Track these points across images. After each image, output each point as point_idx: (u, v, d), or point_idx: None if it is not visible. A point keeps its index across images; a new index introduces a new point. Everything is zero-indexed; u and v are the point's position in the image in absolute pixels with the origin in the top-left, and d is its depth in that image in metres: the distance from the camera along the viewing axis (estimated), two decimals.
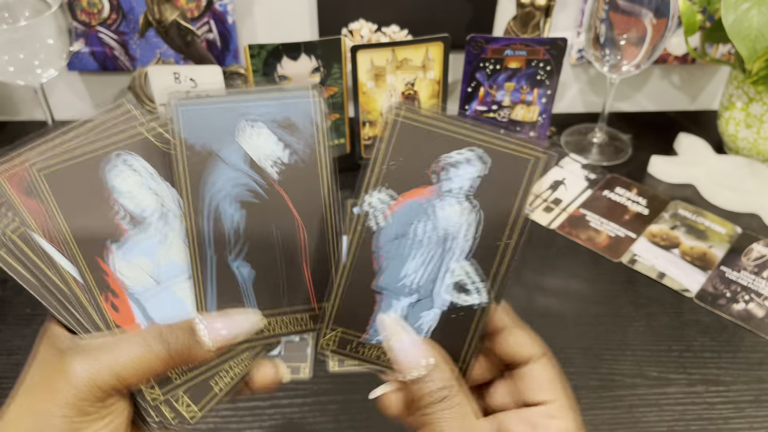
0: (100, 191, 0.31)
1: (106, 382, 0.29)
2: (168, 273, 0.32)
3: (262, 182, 0.32)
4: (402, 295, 0.32)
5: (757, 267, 0.72)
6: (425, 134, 0.30)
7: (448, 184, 0.31)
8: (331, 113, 0.76)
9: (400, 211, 0.32)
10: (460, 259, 0.32)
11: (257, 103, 0.32)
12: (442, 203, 0.31)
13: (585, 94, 0.98)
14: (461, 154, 0.30)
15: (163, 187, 0.32)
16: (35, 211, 0.30)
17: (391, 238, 0.32)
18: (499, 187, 0.31)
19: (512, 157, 0.31)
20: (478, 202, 0.31)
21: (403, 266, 0.32)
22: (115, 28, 0.84)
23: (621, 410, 0.58)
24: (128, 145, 0.32)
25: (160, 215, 0.32)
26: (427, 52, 0.73)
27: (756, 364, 0.62)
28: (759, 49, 0.69)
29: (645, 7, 0.72)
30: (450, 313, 0.32)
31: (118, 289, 0.32)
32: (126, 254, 0.32)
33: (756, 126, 0.82)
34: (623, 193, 0.82)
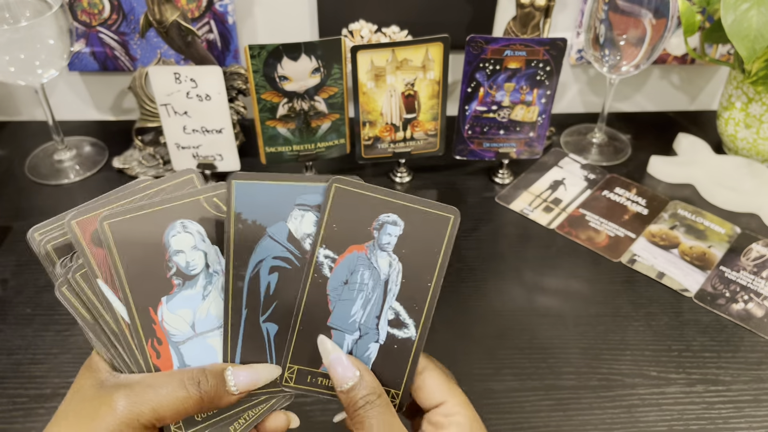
0: (158, 248, 0.35)
1: (145, 416, 0.32)
2: (205, 324, 0.36)
3: (297, 254, 0.37)
4: (350, 331, 0.38)
5: (757, 267, 0.72)
6: (364, 199, 0.37)
7: (385, 239, 0.37)
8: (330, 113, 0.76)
9: (347, 260, 0.37)
10: (394, 300, 0.38)
11: (310, 195, 0.36)
12: (378, 254, 0.37)
13: (584, 95, 0.98)
14: (389, 216, 0.37)
15: (210, 249, 0.36)
16: (100, 258, 0.34)
17: (339, 283, 0.37)
18: (416, 242, 0.37)
19: (428, 217, 0.37)
20: (397, 255, 0.37)
21: (351, 307, 0.37)
22: (116, 29, 0.84)
23: (620, 410, 0.58)
24: (186, 210, 0.35)
25: (205, 273, 0.36)
26: (427, 53, 0.73)
27: (755, 364, 0.62)
28: (758, 49, 0.69)
29: (644, 7, 0.72)
30: (390, 345, 0.38)
31: (162, 336, 0.35)
32: (172, 307, 0.35)
33: (755, 126, 0.82)
34: (623, 193, 0.82)
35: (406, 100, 0.76)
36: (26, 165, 0.85)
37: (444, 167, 0.85)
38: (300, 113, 0.75)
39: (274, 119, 0.75)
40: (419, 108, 0.77)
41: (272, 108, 0.74)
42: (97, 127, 0.92)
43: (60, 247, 0.35)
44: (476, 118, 0.78)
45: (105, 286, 0.34)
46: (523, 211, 0.79)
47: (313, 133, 0.77)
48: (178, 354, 0.36)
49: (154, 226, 0.34)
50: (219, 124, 0.74)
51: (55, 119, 0.81)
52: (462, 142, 0.80)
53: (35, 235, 0.35)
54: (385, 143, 0.79)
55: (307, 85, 0.73)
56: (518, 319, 0.66)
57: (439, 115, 0.78)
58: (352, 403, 0.35)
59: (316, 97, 0.74)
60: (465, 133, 0.79)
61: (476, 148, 0.80)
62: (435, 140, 0.81)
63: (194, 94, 0.72)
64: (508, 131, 0.79)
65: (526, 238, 0.76)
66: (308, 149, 0.78)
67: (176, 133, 0.75)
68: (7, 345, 0.62)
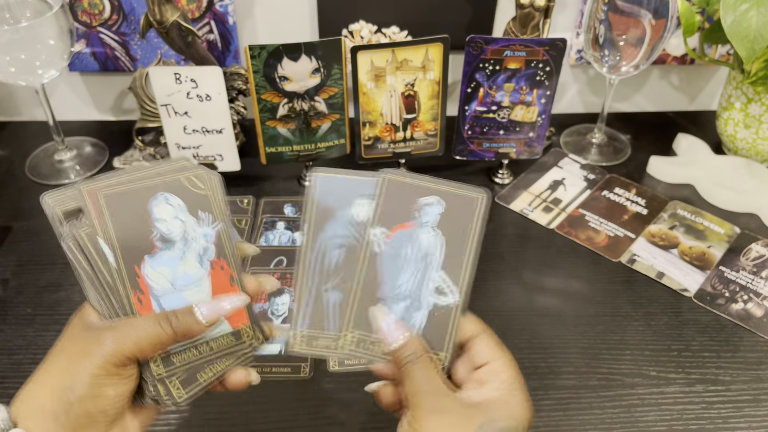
0: (144, 215, 0.41)
1: (128, 349, 0.38)
2: (183, 281, 0.42)
3: (357, 234, 0.43)
4: (398, 300, 0.42)
5: (756, 267, 0.72)
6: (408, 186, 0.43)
7: (425, 217, 0.43)
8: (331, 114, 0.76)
9: (396, 237, 0.43)
10: (437, 270, 0.43)
11: (369, 186, 0.44)
12: (421, 231, 0.43)
13: (584, 95, 0.99)
14: (429, 198, 0.43)
15: (190, 219, 0.43)
16: (101, 220, 0.40)
17: (390, 258, 0.43)
18: (453, 219, 0.43)
19: (461, 199, 0.43)
20: (439, 230, 0.43)
21: (399, 278, 0.42)
22: (116, 29, 0.84)
23: (620, 410, 0.58)
24: (169, 186, 0.42)
25: (183, 240, 0.42)
26: (427, 53, 0.73)
27: (754, 364, 0.62)
28: (758, 49, 0.69)
29: (644, 8, 0.73)
30: (435, 311, 0.42)
31: (144, 289, 0.41)
32: (154, 264, 0.41)
33: (755, 126, 0.82)
34: (622, 193, 0.82)
35: (406, 101, 0.77)
36: (27, 165, 0.85)
37: (444, 167, 0.85)
38: (300, 113, 0.75)
39: (275, 119, 0.75)
40: (419, 108, 0.77)
41: (272, 108, 0.74)
42: (98, 128, 0.92)
43: (68, 211, 0.40)
44: (476, 118, 0.78)
45: (104, 243, 0.40)
46: (523, 211, 0.79)
47: (313, 134, 0.77)
48: (158, 304, 0.41)
49: (142, 198, 0.41)
50: (219, 124, 0.75)
51: (55, 119, 0.82)
52: (462, 142, 0.80)
53: (47, 199, 0.41)
54: (385, 143, 0.80)
55: (307, 85, 0.73)
56: (518, 319, 0.66)
57: (439, 115, 0.79)
58: (399, 360, 0.41)
59: (316, 97, 0.75)
60: (465, 133, 0.79)
61: (476, 148, 0.81)
62: (435, 140, 0.81)
63: (195, 95, 0.72)
64: (508, 131, 0.79)
65: (526, 238, 0.76)
66: (308, 149, 0.79)
67: (177, 134, 0.75)
68: (8, 345, 0.62)
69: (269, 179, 0.83)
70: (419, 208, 0.43)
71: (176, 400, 0.41)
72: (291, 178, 0.83)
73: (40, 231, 0.74)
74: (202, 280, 0.43)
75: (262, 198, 0.80)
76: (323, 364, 0.60)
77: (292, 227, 0.75)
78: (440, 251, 0.43)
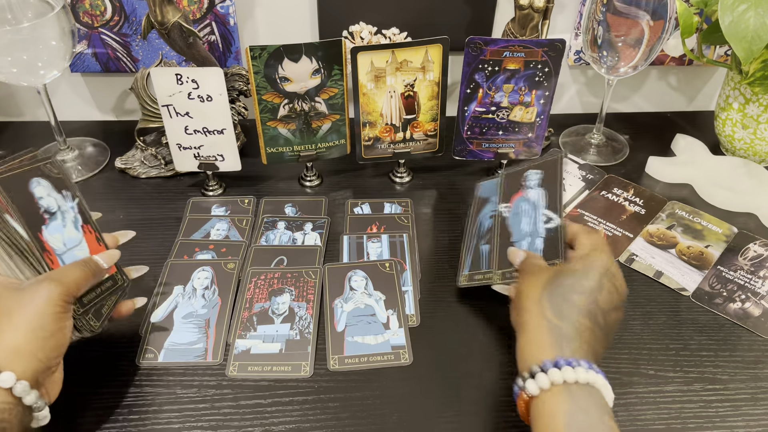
0: (29, 196, 0.54)
1: (73, 287, 0.51)
2: (71, 243, 0.56)
3: (497, 210, 0.67)
4: (523, 239, 0.62)
5: (754, 266, 0.72)
6: (518, 172, 0.66)
7: (530, 184, 0.64)
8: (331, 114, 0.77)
9: (514, 204, 0.65)
10: (543, 209, 0.61)
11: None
12: (529, 192, 0.64)
13: (583, 96, 0.99)
14: (531, 172, 0.65)
15: (58, 196, 0.56)
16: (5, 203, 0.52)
17: (513, 215, 0.64)
18: (548, 177, 0.63)
19: (548, 163, 0.63)
20: (541, 187, 0.63)
21: (521, 225, 0.63)
22: (118, 30, 0.84)
23: (618, 408, 0.58)
24: (36, 172, 0.55)
25: (60, 212, 0.55)
26: (427, 54, 0.74)
27: (752, 363, 0.62)
28: (755, 50, 0.69)
29: (642, 9, 0.73)
30: (548, 234, 0.59)
31: (50, 250, 0.54)
32: (49, 231, 0.54)
33: (752, 127, 0.83)
34: (620, 193, 0.83)
35: (406, 101, 0.77)
36: None
37: (443, 167, 0.86)
38: (300, 114, 0.76)
39: (275, 120, 0.75)
40: (419, 109, 0.78)
41: (273, 109, 0.74)
42: (99, 128, 0.92)
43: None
44: (475, 118, 0.78)
45: (12, 221, 0.52)
46: None
47: (314, 134, 0.78)
48: (62, 261, 0.54)
49: (23, 182, 0.53)
50: (220, 124, 0.75)
51: (57, 120, 0.82)
52: (461, 142, 0.80)
53: None
54: (384, 144, 0.80)
55: (307, 86, 0.74)
56: None
57: (438, 115, 0.79)
58: (520, 269, 0.57)
59: (316, 98, 0.75)
60: (464, 133, 0.80)
61: (475, 148, 0.81)
62: (434, 141, 0.81)
63: (196, 95, 0.72)
64: (507, 132, 0.80)
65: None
66: (309, 150, 0.79)
67: (178, 134, 0.75)
68: None
69: (270, 179, 0.83)
70: (525, 179, 0.65)
71: (94, 328, 0.55)
72: (291, 178, 0.84)
73: None
74: (82, 241, 0.57)
75: (263, 198, 0.80)
76: (323, 364, 0.61)
77: (292, 227, 0.76)
78: (542, 198, 0.62)
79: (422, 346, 0.63)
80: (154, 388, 0.58)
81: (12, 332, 0.46)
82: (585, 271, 0.52)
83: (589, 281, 0.51)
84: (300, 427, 0.56)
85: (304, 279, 0.68)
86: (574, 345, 0.47)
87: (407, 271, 0.70)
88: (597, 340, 0.49)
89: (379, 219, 0.77)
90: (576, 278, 0.52)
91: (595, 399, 0.44)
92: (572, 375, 0.44)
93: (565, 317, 0.49)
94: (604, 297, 0.51)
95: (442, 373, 0.60)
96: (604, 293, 0.51)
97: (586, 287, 0.51)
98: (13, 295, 0.49)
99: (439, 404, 0.58)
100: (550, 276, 0.53)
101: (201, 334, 0.63)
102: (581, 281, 0.51)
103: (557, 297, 0.50)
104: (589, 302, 0.50)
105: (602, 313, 0.50)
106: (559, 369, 0.45)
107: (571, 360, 0.45)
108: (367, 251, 0.72)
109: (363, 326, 0.64)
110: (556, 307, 0.50)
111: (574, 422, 0.43)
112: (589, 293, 0.50)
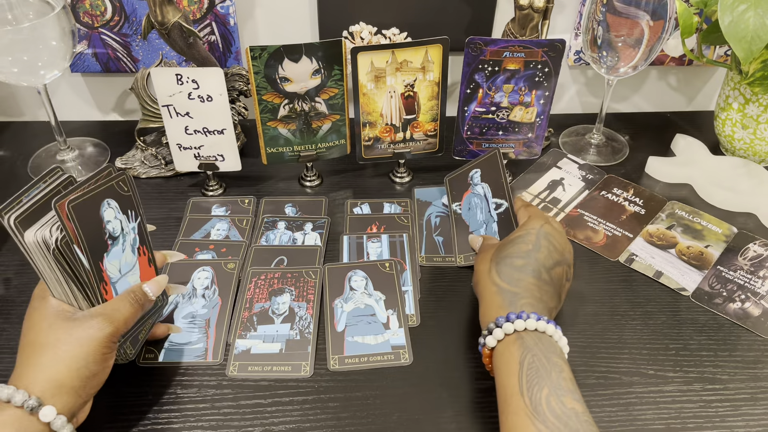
0: (98, 220, 0.51)
1: (121, 327, 0.51)
2: (126, 268, 0.54)
3: (447, 210, 0.77)
4: (480, 227, 0.71)
5: (753, 266, 0.72)
6: (464, 172, 0.76)
7: (475, 181, 0.74)
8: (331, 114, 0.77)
9: (465, 200, 0.75)
10: (491, 199, 0.71)
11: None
12: (475, 188, 0.73)
13: (583, 96, 0.99)
14: (475, 172, 0.75)
15: (123, 218, 0.53)
16: (71, 229, 0.49)
17: (466, 211, 0.74)
18: (489, 173, 0.72)
19: (488, 160, 0.73)
20: (485, 183, 0.73)
21: (476, 217, 0.72)
22: (118, 30, 0.84)
23: (618, 408, 0.58)
24: (109, 192, 0.51)
25: (122, 234, 0.53)
26: (427, 54, 0.74)
27: (752, 363, 0.62)
28: (755, 50, 0.69)
29: (642, 9, 0.73)
30: (500, 217, 0.69)
31: (107, 280, 0.52)
32: (109, 260, 0.52)
33: (752, 127, 0.83)
34: (620, 193, 0.83)
35: (406, 101, 0.77)
36: (29, 165, 0.85)
37: (443, 167, 0.86)
38: (301, 114, 0.76)
39: (275, 120, 0.75)
40: (419, 109, 0.78)
41: (273, 109, 0.74)
42: (100, 128, 0.93)
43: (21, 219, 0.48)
44: (475, 119, 0.78)
45: (78, 250, 0.49)
46: None
47: (314, 134, 0.78)
48: (114, 290, 0.53)
49: (96, 205, 0.50)
50: (220, 124, 0.75)
51: (57, 120, 0.82)
52: (461, 142, 0.80)
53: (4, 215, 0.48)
54: (384, 144, 0.80)
55: (307, 86, 0.74)
56: None
57: (438, 115, 0.79)
58: (482, 246, 0.65)
59: (316, 98, 0.75)
60: (464, 133, 0.80)
61: (475, 148, 0.81)
62: (434, 141, 0.81)
63: (196, 95, 0.72)
64: (507, 132, 0.80)
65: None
66: (309, 150, 0.79)
67: (178, 134, 0.75)
68: (11, 344, 0.62)
69: (270, 179, 0.84)
70: (470, 179, 0.74)
71: (129, 356, 0.56)
72: (291, 178, 0.84)
73: None
74: (135, 265, 0.55)
75: (263, 198, 0.80)
76: (323, 364, 0.61)
77: (292, 227, 0.76)
78: (488, 190, 0.71)
79: (422, 346, 0.63)
80: (154, 388, 0.58)
81: (57, 366, 0.47)
82: (522, 237, 0.59)
83: (526, 244, 0.58)
84: (300, 427, 0.56)
85: (304, 279, 0.68)
86: (523, 301, 0.54)
87: (407, 271, 0.70)
88: (547, 294, 0.56)
89: (379, 219, 0.77)
90: (515, 244, 0.58)
91: (545, 343, 0.50)
92: (522, 324, 0.51)
93: (512, 280, 0.56)
94: (543, 255, 0.57)
95: (442, 373, 0.60)
96: (542, 252, 0.57)
97: (524, 250, 0.57)
98: (64, 325, 0.49)
99: (439, 404, 0.58)
100: (496, 249, 0.60)
101: (201, 334, 0.63)
102: (520, 246, 0.58)
103: (503, 264, 0.57)
104: (530, 262, 0.56)
105: (545, 269, 0.56)
106: (510, 322, 0.51)
107: (521, 313, 0.52)
108: (367, 251, 0.72)
109: (363, 326, 0.64)
110: (503, 273, 0.56)
111: (526, 361, 0.49)
112: (527, 255, 0.57)
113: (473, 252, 0.70)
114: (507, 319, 0.52)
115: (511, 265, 0.57)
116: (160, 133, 0.85)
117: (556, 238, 0.59)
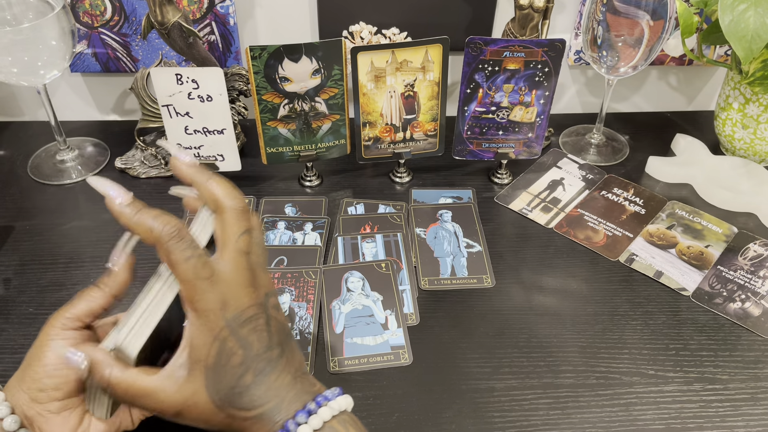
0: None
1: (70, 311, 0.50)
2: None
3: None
4: (447, 257, 0.72)
5: (754, 266, 0.72)
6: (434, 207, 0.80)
7: (444, 218, 0.76)
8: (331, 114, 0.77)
9: (431, 230, 0.75)
10: (463, 238, 0.73)
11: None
12: (444, 225, 0.75)
13: (583, 95, 0.99)
14: (443, 211, 0.78)
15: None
16: None
17: (432, 239, 0.74)
18: (460, 216, 0.76)
19: (459, 206, 0.79)
20: (455, 222, 0.76)
21: (443, 247, 0.73)
22: (118, 30, 0.84)
23: (618, 408, 0.58)
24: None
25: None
26: (427, 54, 0.74)
27: (752, 363, 0.62)
28: (755, 50, 0.69)
29: (642, 9, 0.73)
30: (471, 257, 0.72)
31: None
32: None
33: (752, 127, 0.83)
34: (620, 193, 0.83)
35: (406, 101, 0.77)
36: (29, 165, 0.85)
37: (443, 167, 0.86)
38: (300, 114, 0.76)
39: (275, 120, 0.75)
40: (419, 109, 0.78)
41: (273, 109, 0.74)
42: (99, 128, 0.93)
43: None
44: (475, 118, 0.78)
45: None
46: (522, 210, 0.80)
47: (314, 134, 0.78)
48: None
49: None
50: (220, 124, 0.75)
51: (57, 120, 0.82)
52: (461, 142, 0.80)
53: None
54: (384, 144, 0.80)
55: (307, 86, 0.74)
56: (517, 318, 0.66)
57: (438, 115, 0.79)
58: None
59: (316, 98, 0.75)
60: (464, 133, 0.80)
61: (475, 148, 0.81)
62: (434, 141, 0.81)
63: (196, 95, 0.72)
64: (507, 132, 0.80)
65: (525, 237, 0.76)
66: (309, 150, 0.79)
67: (178, 134, 0.75)
68: (11, 344, 0.62)
69: (270, 179, 0.83)
70: (439, 216, 0.77)
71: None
72: (291, 178, 0.84)
73: (42, 231, 0.75)
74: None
75: (263, 198, 0.80)
76: (323, 365, 0.61)
77: (292, 227, 0.76)
78: (459, 230, 0.75)
79: (422, 345, 0.63)
80: None
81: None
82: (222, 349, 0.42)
83: (234, 356, 0.42)
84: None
85: (304, 279, 0.68)
86: (286, 403, 0.42)
87: (404, 270, 0.70)
88: (284, 362, 0.44)
89: (372, 219, 0.77)
90: (226, 369, 0.43)
91: (349, 423, 0.43)
92: (318, 421, 0.41)
93: (254, 399, 0.43)
94: (255, 344, 0.43)
95: (442, 373, 0.60)
96: (252, 341, 0.43)
97: (236, 363, 0.42)
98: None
99: (439, 404, 0.58)
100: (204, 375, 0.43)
101: None
102: (230, 362, 0.43)
103: (232, 395, 0.42)
104: (252, 366, 0.42)
105: (269, 347, 0.43)
106: (306, 423, 0.41)
107: (300, 412, 0.42)
108: (362, 252, 0.72)
109: (361, 327, 0.64)
110: (242, 402, 0.43)
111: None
112: (242, 364, 0.42)
113: (437, 277, 0.69)
114: (297, 424, 0.41)
115: (243, 389, 0.42)
116: (159, 133, 0.85)
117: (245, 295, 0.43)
